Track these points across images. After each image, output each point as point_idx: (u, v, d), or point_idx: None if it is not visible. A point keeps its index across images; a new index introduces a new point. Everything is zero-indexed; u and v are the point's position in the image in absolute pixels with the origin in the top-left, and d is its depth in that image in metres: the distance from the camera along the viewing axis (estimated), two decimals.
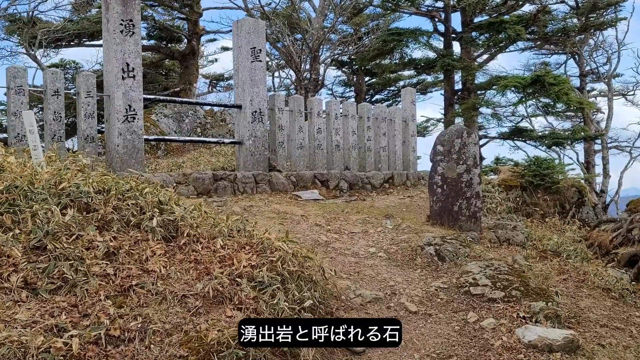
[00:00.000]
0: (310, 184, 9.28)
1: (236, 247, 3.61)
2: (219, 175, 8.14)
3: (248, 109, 8.86)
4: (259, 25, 9.07)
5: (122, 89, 7.49)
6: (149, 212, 3.59)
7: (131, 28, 7.59)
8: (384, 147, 11.15)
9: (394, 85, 27.94)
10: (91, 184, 3.69)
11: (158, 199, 3.71)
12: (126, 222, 3.55)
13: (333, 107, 10.20)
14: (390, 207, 8.42)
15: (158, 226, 3.52)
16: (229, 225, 3.83)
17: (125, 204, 3.63)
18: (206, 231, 3.65)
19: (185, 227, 3.57)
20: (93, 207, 3.54)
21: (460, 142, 6.53)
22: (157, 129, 15.41)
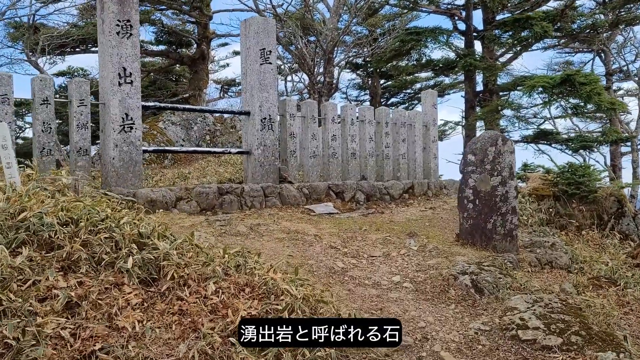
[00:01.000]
0: (324, 196, 8.58)
1: (233, 291, 2.91)
2: (224, 189, 7.47)
3: (257, 115, 8.19)
4: (269, 24, 8.41)
5: (118, 96, 6.86)
6: (126, 249, 2.91)
7: (128, 29, 6.96)
8: (404, 155, 10.41)
9: (410, 88, 27.17)
10: (57, 213, 3.03)
11: (138, 231, 3.03)
12: (97, 261, 2.88)
13: (349, 112, 9.49)
14: (411, 221, 7.68)
15: (136, 266, 2.84)
16: (226, 262, 3.13)
17: (98, 239, 2.95)
18: (196, 271, 2.95)
19: (169, 267, 2.88)
20: (57, 244, 2.87)
21: (495, 150, 5.78)
22: (164, 137, 14.85)
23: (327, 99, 15.03)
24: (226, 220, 5.98)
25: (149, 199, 6.65)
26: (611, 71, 20.01)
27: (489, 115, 14.80)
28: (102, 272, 2.83)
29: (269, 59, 8.30)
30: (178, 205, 7.03)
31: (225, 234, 5.66)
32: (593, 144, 15.49)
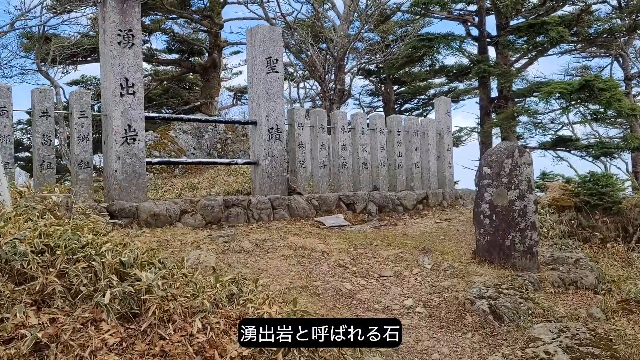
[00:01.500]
0: (334, 208, 8.28)
1: (223, 327, 2.62)
2: (230, 201, 7.20)
3: (264, 125, 7.93)
4: (275, 32, 8.16)
5: (120, 107, 6.65)
6: (105, 280, 2.64)
7: (130, 39, 6.75)
8: (417, 164, 10.07)
9: (423, 94, 26.81)
10: (33, 239, 2.77)
11: (119, 260, 2.75)
12: (74, 293, 2.61)
13: (359, 121, 9.20)
14: (425, 235, 7.35)
15: (116, 299, 2.57)
16: (217, 292, 2.84)
17: (76, 269, 2.68)
18: (183, 304, 2.67)
19: (152, 301, 2.60)
20: (30, 275, 2.61)
21: (511, 162, 5.44)
22: (175, 146, 14.69)
23: (338, 107, 14.75)
24: (230, 235, 5.71)
25: (152, 213, 6.41)
26: (630, 76, 19.44)
27: (505, 122, 14.39)
28: (79, 306, 2.56)
29: (276, 67, 8.04)
30: (183, 218, 6.78)
31: (229, 250, 5.38)
32: (614, 150, 14.97)
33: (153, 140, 14.34)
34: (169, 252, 5.08)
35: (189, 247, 5.31)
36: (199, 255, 4.70)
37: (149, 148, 13.94)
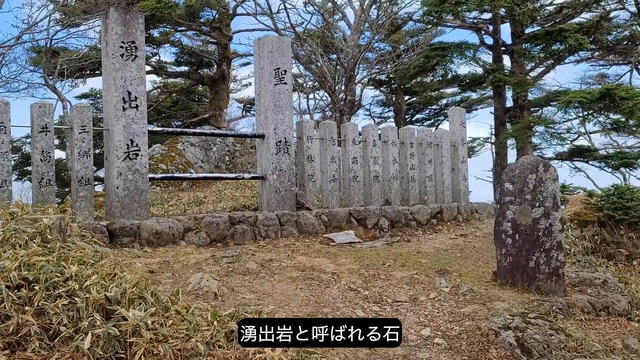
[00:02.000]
0: (344, 223, 7.96)
1: None
2: (236, 218, 6.91)
3: (271, 138, 7.65)
4: (283, 43, 7.90)
5: (122, 122, 6.41)
6: (88, 320, 2.34)
7: (133, 51, 6.53)
8: (430, 177, 9.73)
9: (435, 104, 26.47)
10: (10, 272, 2.48)
11: (105, 296, 2.46)
12: (53, 335, 2.31)
13: (370, 133, 8.89)
14: (441, 252, 7.00)
15: (100, 339, 2.26)
16: (213, 331, 2.53)
17: (55, 306, 2.39)
18: (174, 347, 2.36)
19: (140, 344, 2.29)
20: (4, 313, 2.32)
21: (535, 178, 5.09)
22: (182, 159, 14.47)
23: (348, 118, 14.47)
24: (235, 256, 5.40)
25: (154, 231, 6.14)
26: None
27: (521, 133, 14.00)
28: (57, 349, 2.26)
29: (284, 79, 7.78)
30: (186, 236, 6.49)
31: (233, 272, 5.07)
32: (635, 160, 14.50)
33: (160, 154, 14.14)
34: (170, 275, 4.79)
35: (191, 269, 5.01)
36: (200, 279, 4.39)
37: (156, 161, 13.74)
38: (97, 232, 5.82)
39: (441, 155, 9.95)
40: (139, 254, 5.60)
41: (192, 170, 14.46)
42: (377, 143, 8.93)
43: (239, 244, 6.73)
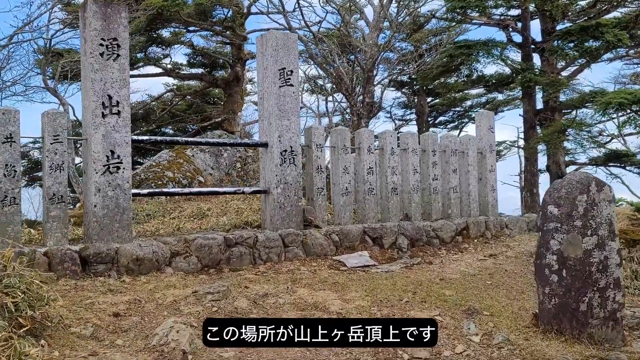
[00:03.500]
0: (357, 243, 7.06)
1: None
2: (232, 239, 6.07)
3: (275, 147, 6.80)
4: (289, 40, 7.05)
5: (101, 130, 5.62)
6: None
7: (115, 49, 5.74)
8: (455, 188, 8.76)
9: (459, 106, 25.36)
10: None
11: None
12: None
13: (388, 140, 7.97)
14: (468, 278, 6.06)
15: None
16: None
17: None
18: None
19: None
20: None
21: (587, 199, 4.12)
22: (191, 166, 13.72)
23: (367, 121, 13.55)
24: (222, 291, 4.54)
25: (135, 257, 5.33)
26: None
27: (553, 137, 12.90)
28: None
29: (290, 80, 6.92)
30: (174, 262, 5.67)
31: (217, 313, 4.22)
32: None
33: (167, 160, 13.41)
34: (138, 320, 3.96)
35: (166, 311, 4.17)
36: (170, 328, 3.55)
37: (162, 169, 13.01)
38: (67, 259, 5.05)
39: (467, 163, 8.97)
40: (112, 287, 4.79)
41: (200, 177, 13.71)
42: (395, 151, 8.02)
43: (235, 269, 5.88)
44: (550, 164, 14.37)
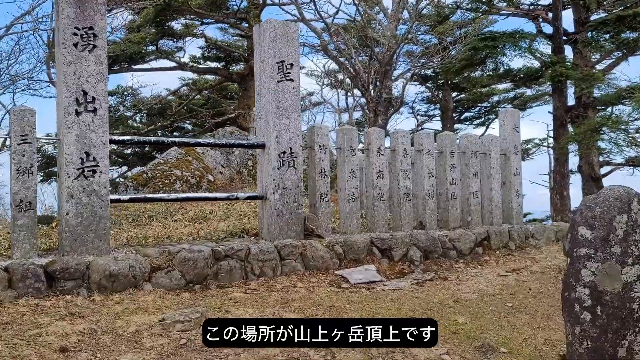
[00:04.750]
0: (364, 255, 6.39)
1: None
2: (221, 251, 5.46)
3: (273, 148, 6.16)
4: (290, 29, 6.39)
5: (75, 129, 5.07)
6: None
7: (91, 39, 5.17)
8: (475, 193, 7.99)
9: (486, 101, 24.36)
10: None
11: None
12: None
13: (400, 140, 7.26)
14: (486, 299, 5.35)
15: None
16: None
17: None
18: None
19: None
20: None
21: (627, 220, 3.37)
22: (200, 164, 13.20)
23: (384, 119, 12.82)
24: (195, 320, 3.92)
25: (108, 273, 4.76)
26: None
27: (586, 136, 11.95)
28: None
29: (290, 74, 6.27)
30: (154, 277, 5.09)
31: (183, 350, 3.60)
32: None
33: (176, 158, 12.91)
34: (87, 357, 3.37)
35: (124, 344, 3.58)
36: None
37: (170, 167, 12.52)
38: (30, 275, 4.51)
39: (489, 166, 8.20)
40: (75, 309, 4.24)
41: (210, 176, 13.19)
42: (408, 152, 7.30)
43: (223, 286, 5.28)
44: (582, 164, 13.42)
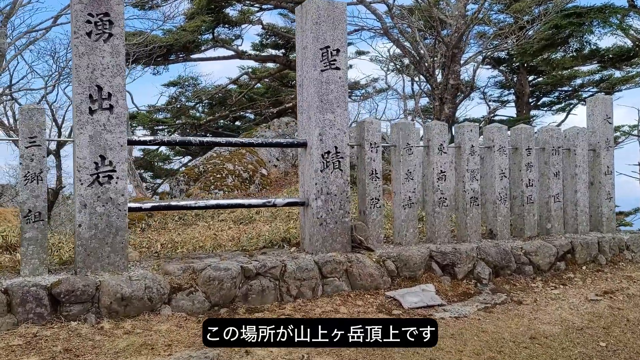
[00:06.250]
0: (421, 272, 5.48)
1: None
2: (252, 269, 4.74)
3: (315, 148, 5.35)
4: (336, 10, 5.50)
5: (88, 130, 4.49)
6: None
7: (106, 27, 4.56)
8: (556, 196, 6.83)
9: (567, 85, 22.27)
10: None
11: None
12: None
13: (467, 136, 6.23)
14: (571, 335, 4.36)
15: None
16: None
17: None
18: None
19: None
20: None
21: None
22: (254, 157, 12.63)
23: (452, 107, 11.66)
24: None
25: (120, 296, 4.16)
26: None
27: None
28: None
29: (335, 62, 5.40)
30: (174, 299, 4.45)
31: None
32: None
33: (229, 151, 12.42)
34: None
35: None
36: None
37: (222, 160, 12.03)
38: (31, 299, 3.98)
39: (574, 164, 6.99)
40: (72, 342, 3.65)
41: (263, 170, 12.61)
42: (476, 150, 6.26)
43: (253, 309, 4.57)
44: None
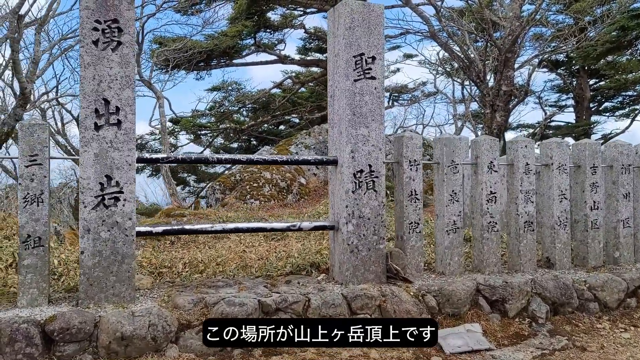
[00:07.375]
0: (467, 309, 4.79)
1: None
2: (271, 305, 4.20)
3: (347, 166, 4.77)
4: (372, 13, 4.91)
5: (94, 147, 4.09)
6: None
7: (115, 35, 4.15)
8: (627, 220, 5.98)
9: (632, 89, 20.78)
10: None
11: None
12: None
13: (521, 152, 5.49)
14: None
15: None
16: None
17: None
18: None
19: None
20: None
21: None
22: (292, 165, 12.18)
23: (504, 115, 10.81)
24: None
25: (120, 335, 3.71)
26: None
27: None
28: None
29: (371, 70, 4.81)
30: (182, 337, 3.97)
31: None
32: None
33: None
34: None
35: None
36: None
37: (259, 169, 11.63)
38: (20, 337, 3.59)
39: None
40: None
41: (302, 179, 12.12)
42: (531, 168, 5.51)
43: (269, 352, 4.03)
44: None
